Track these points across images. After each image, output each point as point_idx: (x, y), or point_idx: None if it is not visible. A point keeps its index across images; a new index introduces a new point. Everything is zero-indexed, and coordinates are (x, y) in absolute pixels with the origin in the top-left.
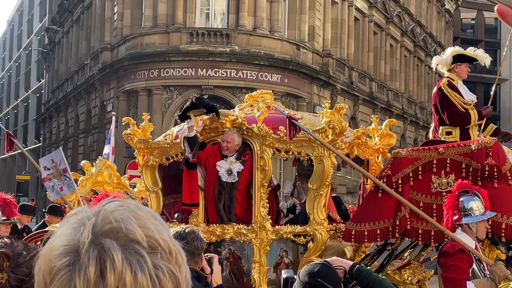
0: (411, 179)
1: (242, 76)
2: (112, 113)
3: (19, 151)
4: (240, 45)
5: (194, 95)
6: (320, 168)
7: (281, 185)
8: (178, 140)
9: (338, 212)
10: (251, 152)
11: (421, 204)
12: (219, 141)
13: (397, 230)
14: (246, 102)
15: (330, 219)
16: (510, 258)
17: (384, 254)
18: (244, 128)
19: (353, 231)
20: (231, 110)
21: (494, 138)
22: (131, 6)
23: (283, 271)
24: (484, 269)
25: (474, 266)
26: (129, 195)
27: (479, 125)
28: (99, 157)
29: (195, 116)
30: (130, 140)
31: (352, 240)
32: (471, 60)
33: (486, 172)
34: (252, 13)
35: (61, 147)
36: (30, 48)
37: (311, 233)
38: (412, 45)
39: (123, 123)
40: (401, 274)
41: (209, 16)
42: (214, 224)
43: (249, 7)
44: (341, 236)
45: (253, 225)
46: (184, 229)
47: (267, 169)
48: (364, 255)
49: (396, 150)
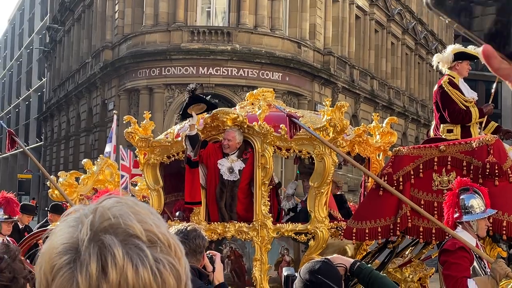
0: (412, 177)
1: (243, 75)
2: (114, 111)
3: (21, 149)
4: (241, 43)
5: (188, 87)
6: (321, 166)
7: (282, 183)
8: (179, 138)
9: (341, 210)
10: (252, 150)
11: (422, 202)
12: (220, 140)
13: (398, 228)
14: (247, 100)
15: (331, 217)
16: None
17: (385, 252)
18: (245, 126)
19: (354, 229)
20: (232, 108)
21: (495, 135)
22: (132, 5)
23: (284, 269)
24: (485, 267)
25: (475, 264)
26: (130, 193)
27: (480, 123)
28: (100, 155)
29: (196, 114)
30: (131, 139)
31: (353, 238)
32: (472, 57)
33: (487, 170)
34: (253, 11)
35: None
36: (31, 47)
37: (312, 231)
38: (413, 43)
39: (124, 122)
40: (402, 272)
41: (210, 14)
42: (215, 222)
43: (250, 5)
44: (342, 234)
45: (254, 223)
46: (185, 227)
47: (268, 167)
48: (365, 253)
49: (397, 148)
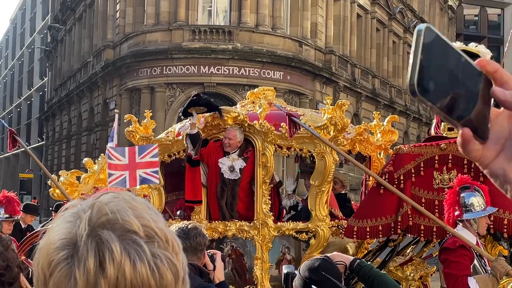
0: (413, 175)
1: (244, 73)
2: (115, 111)
3: (23, 149)
4: (242, 42)
5: (194, 91)
6: (322, 164)
7: (283, 182)
8: (180, 137)
9: (344, 209)
10: (253, 149)
11: (423, 200)
12: (221, 138)
13: (399, 227)
14: (248, 99)
15: (333, 216)
16: None
17: (386, 250)
18: (246, 125)
19: (355, 227)
20: (233, 107)
21: None
22: (133, 4)
23: (283, 267)
24: (485, 265)
25: (475, 262)
26: (131, 192)
27: None
28: (101, 154)
29: (197, 114)
30: (132, 138)
31: (354, 236)
32: (473, 56)
33: None
34: (254, 10)
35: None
36: (32, 46)
37: (313, 229)
38: None
39: (125, 121)
40: (403, 271)
41: (211, 13)
42: (216, 221)
43: (251, 4)
44: (343, 232)
45: (255, 221)
46: (186, 225)
47: (269, 165)
48: (366, 251)
49: (398, 146)
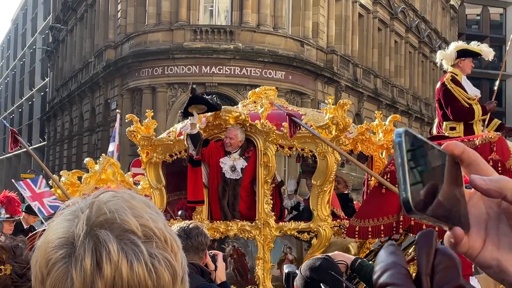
0: None
1: (246, 73)
2: (117, 111)
3: (24, 149)
4: (244, 42)
5: (191, 86)
6: (323, 164)
7: (285, 182)
8: (182, 137)
9: (347, 209)
10: (255, 149)
11: None
12: (222, 138)
13: (401, 226)
14: (250, 98)
15: (334, 216)
16: None
17: None
18: (247, 124)
19: (357, 227)
20: (235, 107)
21: (499, 133)
22: (135, 4)
23: (285, 266)
24: None
25: None
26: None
27: (483, 120)
28: (102, 154)
29: (197, 114)
30: (134, 137)
31: (356, 236)
32: (475, 55)
33: None
34: (256, 10)
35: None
36: (34, 47)
37: (315, 229)
38: (416, 41)
39: (126, 121)
40: None
41: (213, 13)
42: (218, 221)
43: (252, 4)
44: (345, 232)
45: (257, 221)
46: (188, 225)
47: (270, 165)
48: (368, 251)
49: None
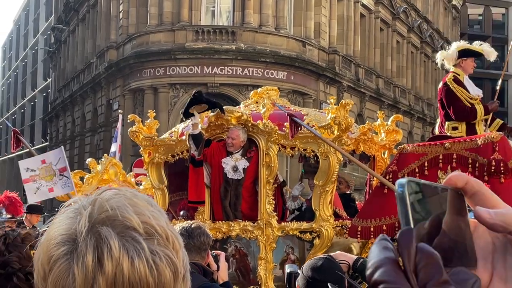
0: (417, 174)
1: (248, 74)
2: (119, 111)
3: (26, 150)
4: (245, 42)
5: (195, 90)
6: (325, 164)
7: (287, 182)
8: (184, 137)
9: (349, 209)
10: (257, 149)
11: None
12: (224, 138)
13: None
14: (252, 98)
15: (337, 216)
16: None
17: None
18: (249, 124)
19: (359, 227)
20: (237, 107)
21: (501, 133)
22: (137, 4)
23: (286, 266)
24: None
25: None
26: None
27: (486, 120)
28: (104, 155)
29: (198, 113)
30: (136, 138)
31: (358, 236)
32: (477, 54)
33: (493, 167)
34: (257, 10)
35: (62, 146)
36: (36, 48)
37: (317, 229)
38: (418, 41)
39: (128, 121)
40: None
41: (215, 14)
42: (220, 221)
43: (254, 4)
44: (347, 232)
45: (259, 222)
46: (190, 225)
47: (272, 165)
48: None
49: (402, 146)
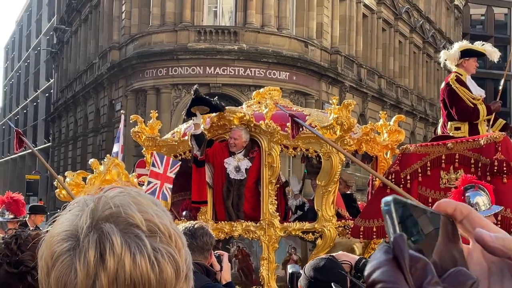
0: (420, 174)
1: (250, 74)
2: (121, 111)
3: (29, 150)
4: (248, 42)
5: (194, 87)
6: (328, 164)
7: (289, 182)
8: (186, 137)
9: (350, 209)
10: (259, 149)
11: (429, 200)
12: (227, 138)
13: None
14: (254, 99)
15: (339, 216)
16: None
17: None
18: (251, 125)
19: (362, 227)
20: (239, 107)
21: (503, 133)
22: (139, 5)
23: (289, 266)
24: None
25: None
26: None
27: (488, 120)
28: (107, 155)
29: (201, 114)
30: (138, 138)
31: (361, 236)
32: (479, 54)
33: (495, 167)
34: (260, 10)
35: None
36: (39, 48)
37: (320, 230)
38: (421, 42)
39: (131, 121)
40: None
41: (217, 14)
42: (222, 221)
43: (256, 5)
44: (349, 232)
45: (261, 222)
46: (193, 225)
47: (275, 166)
48: (373, 251)
49: (405, 146)
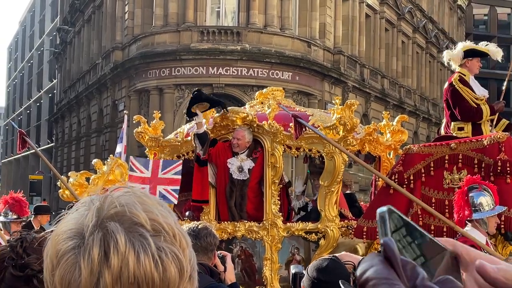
0: (423, 175)
1: (253, 74)
2: (124, 112)
3: (32, 151)
4: (251, 43)
5: (194, 89)
6: (331, 164)
7: (292, 182)
8: (189, 138)
9: (352, 209)
10: (262, 149)
11: (433, 200)
12: (230, 139)
13: None
14: (257, 99)
15: (342, 216)
16: None
17: None
18: (254, 125)
19: (365, 227)
20: (242, 107)
21: (507, 133)
22: (142, 5)
23: (291, 266)
24: None
25: None
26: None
27: (491, 120)
28: (110, 155)
29: (201, 112)
30: (141, 138)
31: (364, 236)
32: (482, 55)
33: (499, 168)
34: (262, 10)
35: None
36: (42, 49)
37: (323, 230)
38: (424, 42)
39: (134, 122)
40: None
41: (220, 15)
42: (225, 222)
43: (259, 5)
44: (353, 233)
45: (264, 222)
46: (197, 225)
47: (278, 166)
48: (376, 252)
49: (408, 146)
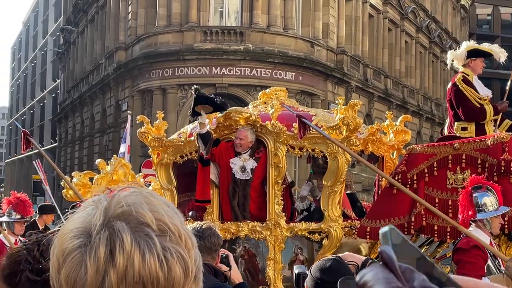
0: (426, 175)
1: (256, 74)
2: (128, 112)
3: (36, 150)
4: (254, 43)
5: (194, 87)
6: (334, 164)
7: (296, 182)
8: (192, 138)
9: (354, 209)
10: (265, 149)
11: (436, 200)
12: (233, 139)
13: (412, 227)
14: (260, 99)
15: (345, 216)
16: None
17: None
18: (257, 125)
19: (368, 227)
20: (245, 107)
21: (510, 133)
22: (145, 5)
23: (295, 267)
24: (500, 265)
25: (489, 262)
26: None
27: (495, 121)
28: (114, 155)
29: (205, 113)
30: (145, 138)
31: (367, 237)
32: (486, 55)
33: (502, 168)
34: (266, 10)
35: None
36: (45, 49)
37: (326, 230)
38: (427, 42)
39: (137, 122)
40: None
41: (223, 15)
42: (228, 222)
43: (263, 5)
44: (356, 233)
45: (267, 222)
46: (201, 225)
47: (281, 166)
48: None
49: (411, 146)
